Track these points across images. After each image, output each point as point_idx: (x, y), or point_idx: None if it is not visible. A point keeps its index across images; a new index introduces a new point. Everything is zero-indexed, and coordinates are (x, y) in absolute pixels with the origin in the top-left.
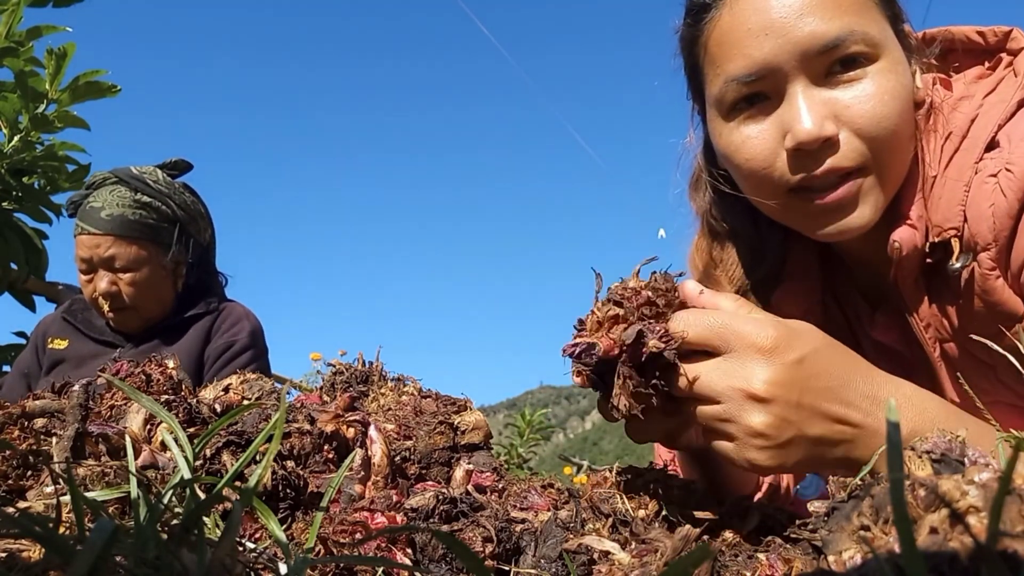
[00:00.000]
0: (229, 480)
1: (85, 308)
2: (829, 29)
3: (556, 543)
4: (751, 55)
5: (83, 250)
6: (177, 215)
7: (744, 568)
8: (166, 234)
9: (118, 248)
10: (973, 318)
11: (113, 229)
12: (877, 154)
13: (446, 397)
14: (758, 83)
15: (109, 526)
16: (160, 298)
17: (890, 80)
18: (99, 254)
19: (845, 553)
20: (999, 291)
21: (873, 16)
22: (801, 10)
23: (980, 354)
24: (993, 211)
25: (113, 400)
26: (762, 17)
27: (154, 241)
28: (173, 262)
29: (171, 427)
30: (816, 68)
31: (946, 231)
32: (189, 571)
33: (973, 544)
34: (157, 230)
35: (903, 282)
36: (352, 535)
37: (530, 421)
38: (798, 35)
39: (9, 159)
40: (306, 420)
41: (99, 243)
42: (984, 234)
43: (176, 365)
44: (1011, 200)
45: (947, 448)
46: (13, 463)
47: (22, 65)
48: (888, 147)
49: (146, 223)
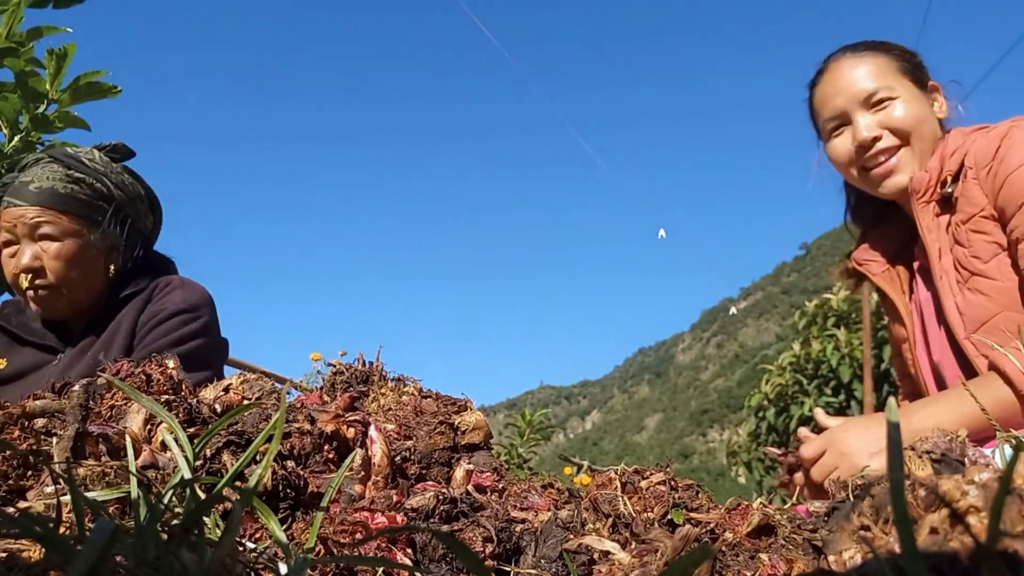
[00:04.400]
0: (229, 480)
1: (18, 311)
2: (866, 86)
3: (556, 543)
4: (832, 105)
5: (7, 221)
6: (113, 194)
7: (745, 568)
8: (98, 211)
9: (44, 216)
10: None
11: (41, 200)
12: (905, 140)
13: (446, 397)
14: (838, 119)
15: (109, 526)
16: (88, 280)
17: (907, 105)
18: (24, 222)
19: (845, 553)
20: (972, 190)
21: (890, 76)
22: (849, 78)
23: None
24: (982, 147)
25: (113, 400)
26: (833, 87)
27: (85, 217)
28: (106, 243)
29: (171, 427)
30: (865, 104)
31: (949, 173)
32: (189, 571)
33: (973, 544)
34: (89, 205)
35: (920, 209)
36: (352, 535)
37: (530, 421)
38: (853, 91)
39: (9, 159)
40: (306, 420)
41: (24, 212)
42: (978, 159)
43: (176, 365)
44: (992, 141)
45: (947, 448)
46: (13, 463)
47: (22, 65)
48: (912, 135)
49: (77, 197)
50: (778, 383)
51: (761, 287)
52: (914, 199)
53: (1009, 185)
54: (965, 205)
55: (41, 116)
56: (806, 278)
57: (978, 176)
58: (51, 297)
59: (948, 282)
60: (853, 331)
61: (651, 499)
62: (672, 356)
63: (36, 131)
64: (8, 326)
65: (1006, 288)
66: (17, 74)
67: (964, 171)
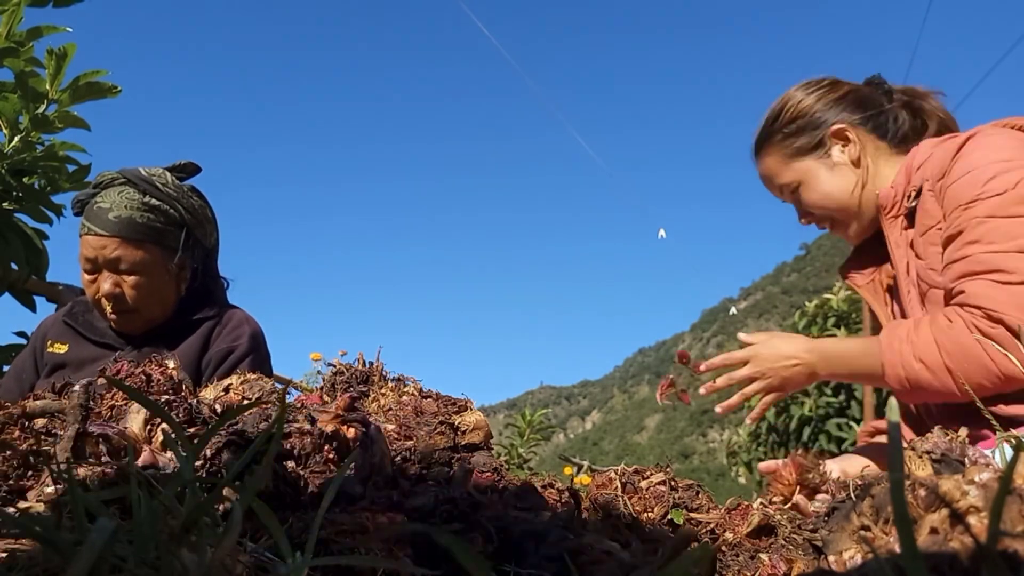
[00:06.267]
0: (229, 480)
1: (87, 310)
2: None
3: (556, 543)
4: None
5: (88, 250)
6: (184, 219)
7: (745, 568)
8: (172, 238)
9: (124, 251)
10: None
11: (120, 231)
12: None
13: (446, 397)
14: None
15: (109, 526)
16: (163, 301)
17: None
18: (104, 255)
19: (846, 553)
20: (928, 202)
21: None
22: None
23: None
24: (937, 160)
25: (113, 400)
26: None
27: (160, 244)
28: (178, 266)
29: (171, 427)
30: (785, 195)
31: (914, 187)
32: (189, 571)
33: (973, 544)
34: (164, 234)
35: (888, 225)
36: (352, 535)
37: (530, 421)
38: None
39: (9, 159)
40: (306, 420)
41: (105, 244)
42: (932, 172)
43: (176, 366)
44: (948, 152)
45: (947, 448)
46: (14, 463)
47: (22, 65)
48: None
49: (153, 226)
50: None
51: (761, 287)
52: (882, 215)
53: (947, 199)
54: (923, 218)
55: (41, 116)
56: (806, 278)
57: (932, 188)
58: (130, 319)
59: (916, 295)
60: (853, 331)
61: (651, 499)
62: (672, 356)
63: (36, 131)
64: (74, 324)
65: None
66: (17, 74)
67: (923, 184)
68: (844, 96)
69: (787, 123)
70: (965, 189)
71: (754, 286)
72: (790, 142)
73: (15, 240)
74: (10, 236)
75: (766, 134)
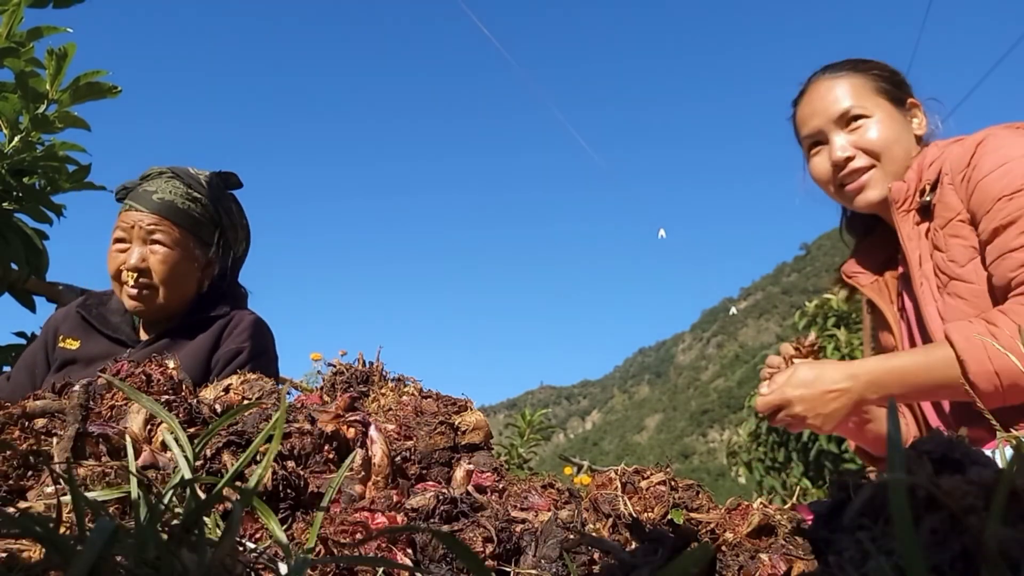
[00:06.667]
0: (229, 480)
1: (100, 304)
2: (841, 106)
3: (556, 543)
4: (810, 125)
5: (125, 222)
6: (221, 219)
7: (745, 568)
8: (207, 232)
9: (160, 225)
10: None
11: (160, 210)
12: (876, 159)
13: (446, 397)
14: (814, 137)
15: (109, 526)
16: (183, 289)
17: (880, 126)
18: (141, 225)
19: (845, 553)
20: (948, 196)
21: (866, 97)
22: (827, 99)
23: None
24: (957, 155)
25: (113, 400)
26: (811, 107)
27: (194, 234)
28: (205, 261)
29: (171, 427)
30: (840, 123)
31: (928, 182)
32: (189, 571)
33: (973, 544)
34: (200, 225)
35: (900, 218)
36: (352, 535)
37: (530, 421)
38: (829, 111)
39: (9, 159)
40: (306, 420)
41: (143, 218)
42: (953, 166)
43: (176, 366)
44: (967, 149)
45: (947, 448)
46: (14, 463)
47: (23, 65)
48: (883, 155)
49: (191, 215)
50: None
51: (761, 287)
52: (894, 208)
53: (980, 191)
54: (943, 211)
55: (41, 116)
56: (806, 278)
57: (953, 182)
58: (148, 296)
59: (929, 288)
60: (853, 331)
61: (651, 499)
62: (672, 356)
63: (36, 131)
64: (88, 316)
65: (982, 291)
66: (17, 74)
67: (940, 179)
68: None
69: (881, 68)
70: (1006, 180)
71: (754, 286)
72: (881, 83)
73: (15, 240)
74: (10, 236)
75: (860, 63)
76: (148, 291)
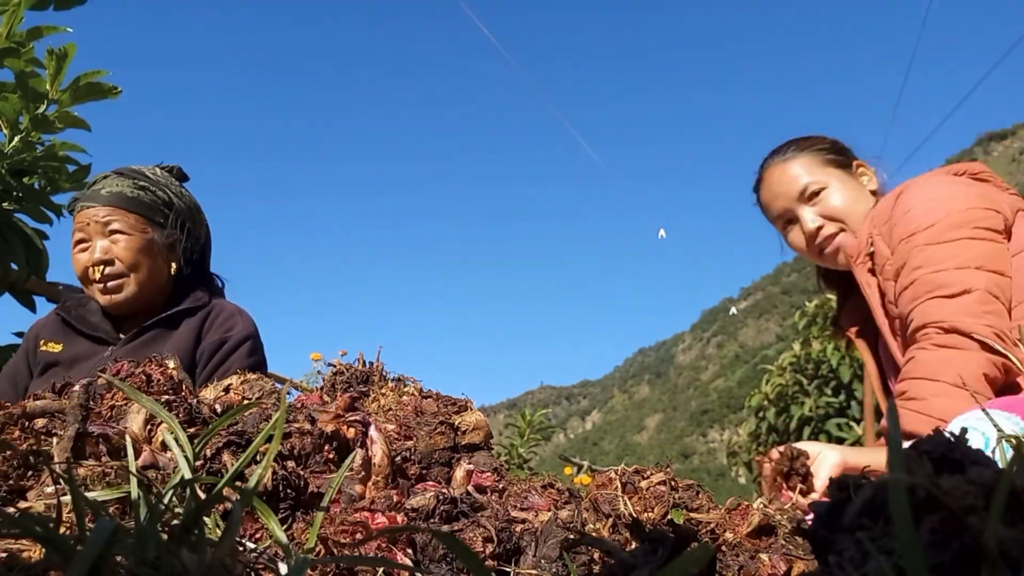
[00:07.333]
0: (229, 480)
1: (79, 305)
2: (800, 184)
3: (556, 543)
4: (776, 207)
5: (81, 221)
6: (173, 201)
7: (745, 568)
8: (161, 215)
9: (115, 215)
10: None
11: (112, 201)
12: (843, 222)
13: (446, 397)
14: (784, 217)
15: (109, 526)
16: (153, 274)
17: (837, 193)
18: (96, 220)
19: (845, 553)
20: (879, 245)
21: (818, 171)
22: (783, 182)
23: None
24: (881, 207)
25: (113, 400)
26: (771, 192)
27: (149, 218)
28: (168, 242)
29: (171, 427)
30: (802, 200)
31: (869, 236)
32: (189, 571)
33: (973, 544)
34: (153, 208)
35: (858, 270)
36: (353, 535)
37: (530, 421)
38: (790, 192)
39: (10, 159)
40: (306, 420)
41: (96, 212)
42: (878, 218)
43: (176, 366)
44: (887, 201)
45: (947, 448)
46: (14, 463)
47: (23, 66)
48: (847, 218)
49: (142, 200)
50: (778, 383)
51: (761, 287)
52: (852, 263)
53: (891, 237)
54: (879, 259)
55: (41, 116)
56: (806, 278)
57: (881, 232)
58: (119, 286)
59: (886, 328)
60: None
61: (651, 499)
62: (672, 356)
63: (36, 131)
64: (67, 316)
65: None
66: (17, 74)
67: (872, 231)
68: None
69: (822, 141)
70: (905, 225)
71: (754, 286)
72: (827, 155)
73: (15, 240)
74: (10, 236)
75: (803, 142)
76: (117, 280)
